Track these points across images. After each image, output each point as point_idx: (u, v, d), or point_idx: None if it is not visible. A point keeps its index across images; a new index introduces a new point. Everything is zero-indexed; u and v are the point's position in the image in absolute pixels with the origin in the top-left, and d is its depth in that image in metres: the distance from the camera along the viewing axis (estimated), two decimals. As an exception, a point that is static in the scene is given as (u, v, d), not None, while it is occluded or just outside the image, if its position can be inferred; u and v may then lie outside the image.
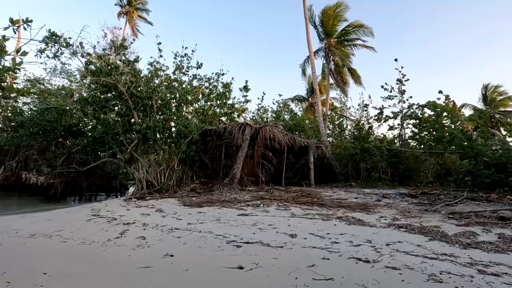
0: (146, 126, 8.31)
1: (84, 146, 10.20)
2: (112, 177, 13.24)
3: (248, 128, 10.20)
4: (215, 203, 7.63)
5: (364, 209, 6.79)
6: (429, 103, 13.70)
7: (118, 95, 8.38)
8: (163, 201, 8.24)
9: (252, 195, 9.11)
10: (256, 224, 5.28)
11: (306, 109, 31.94)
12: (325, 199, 8.28)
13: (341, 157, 16.96)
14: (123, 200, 8.62)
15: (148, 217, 5.89)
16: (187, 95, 10.03)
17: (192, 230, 4.76)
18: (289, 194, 8.98)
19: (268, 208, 7.08)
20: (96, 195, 13.40)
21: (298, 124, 18.83)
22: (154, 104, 8.61)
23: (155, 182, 9.87)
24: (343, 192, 10.14)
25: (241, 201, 8.01)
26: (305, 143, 12.57)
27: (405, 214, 6.28)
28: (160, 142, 9.03)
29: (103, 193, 14.06)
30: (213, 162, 11.41)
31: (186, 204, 7.55)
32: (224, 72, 13.60)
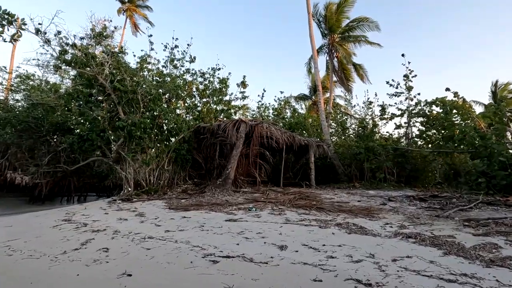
0: (131, 123, 7.75)
1: (70, 144, 9.68)
2: (104, 177, 12.74)
3: (243, 125, 9.60)
4: (204, 206, 7.04)
5: (367, 214, 6.14)
6: (437, 100, 12.96)
7: (101, 89, 7.83)
8: (149, 204, 7.68)
9: (246, 197, 8.50)
10: (243, 232, 4.68)
11: (310, 108, 31.18)
12: (324, 202, 7.64)
13: (344, 156, 16.28)
14: (107, 202, 8.08)
15: (124, 222, 5.32)
16: (178, 89, 9.45)
17: (167, 240, 4.17)
18: (286, 196, 8.36)
19: (260, 212, 6.47)
20: (86, 195, 12.89)
21: (299, 122, 18.16)
22: (140, 99, 8.05)
23: (144, 182, 9.32)
24: (345, 194, 9.49)
25: (233, 204, 7.41)
26: (305, 142, 11.93)
27: (414, 220, 5.62)
28: (148, 140, 8.46)
29: (94, 193, 13.55)
30: (207, 161, 10.82)
31: (172, 207, 6.98)
32: (221, 67, 13.02)
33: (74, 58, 6.84)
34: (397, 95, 17.34)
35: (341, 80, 25.53)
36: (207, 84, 12.53)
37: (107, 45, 8.03)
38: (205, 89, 12.32)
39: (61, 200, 11.79)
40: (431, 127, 14.57)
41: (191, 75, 11.45)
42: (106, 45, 8.01)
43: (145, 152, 8.76)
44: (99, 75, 7.20)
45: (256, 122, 9.97)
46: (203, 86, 12.27)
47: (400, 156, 14.45)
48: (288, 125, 17.25)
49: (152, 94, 8.27)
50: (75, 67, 7.00)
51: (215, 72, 13.04)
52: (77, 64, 6.91)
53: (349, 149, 16.41)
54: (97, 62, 6.98)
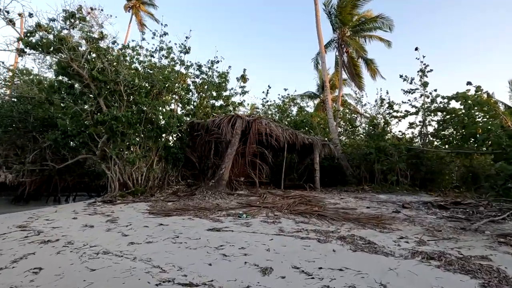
0: (112, 117, 7.05)
1: (53, 141, 9.07)
2: (97, 176, 12.15)
3: (239, 121, 8.80)
4: (189, 211, 6.26)
5: (377, 225, 5.24)
6: (457, 94, 11.83)
7: (78, 79, 7.15)
8: (130, 207, 6.96)
9: (240, 200, 7.69)
10: (223, 246, 3.86)
11: (318, 107, 30.08)
12: (328, 208, 6.75)
13: (353, 157, 15.27)
14: (87, 204, 7.40)
15: (87, 231, 4.58)
16: (168, 81, 8.71)
17: (124, 256, 3.39)
18: (284, 201, 7.50)
19: (252, 219, 5.64)
20: (75, 195, 12.32)
21: (305, 120, 17.23)
22: (123, 90, 7.34)
23: (130, 183, 8.62)
24: (353, 199, 8.55)
25: (223, 208, 6.61)
26: (309, 141, 11.03)
27: (434, 234, 4.69)
28: (133, 137, 7.75)
29: (85, 193, 12.99)
30: (202, 160, 10.06)
31: (153, 211, 6.22)
32: (219, 60, 12.24)
33: (40, 40, 6.16)
34: (412, 91, 16.25)
35: (351, 76, 24.42)
36: (205, 77, 11.77)
37: (87, 31, 7.34)
38: (203, 84, 11.56)
39: (47, 200, 11.23)
40: (449, 125, 13.44)
41: (186, 67, 10.70)
42: (87, 31, 7.33)
43: (131, 149, 8.05)
44: (73, 62, 6.51)
45: (254, 117, 9.15)
46: (200, 80, 11.54)
47: (414, 157, 13.37)
48: (293, 123, 16.36)
49: (136, 85, 7.56)
50: (43, 51, 6.33)
51: (213, 65, 12.28)
52: (44, 47, 6.22)
53: (358, 149, 15.39)
54: (68, 46, 6.28)
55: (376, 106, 21.99)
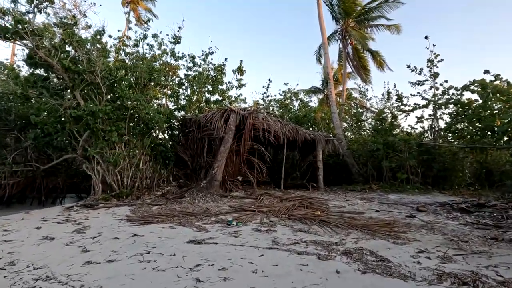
0: (87, 112, 6.36)
1: (33, 140, 8.43)
2: (85, 177, 11.50)
3: (233, 115, 8.05)
4: (173, 218, 5.55)
5: (389, 233, 4.47)
6: (474, 82, 10.92)
7: (50, 70, 6.45)
8: (110, 212, 6.28)
9: (233, 203, 6.96)
10: (200, 266, 3.14)
11: (322, 102, 29.17)
12: (331, 213, 5.99)
13: (359, 154, 14.44)
14: (64, 208, 6.75)
15: (43, 245, 3.89)
16: (154, 73, 7.98)
17: (69, 284, 2.68)
18: (283, 204, 6.75)
19: (243, 227, 4.91)
20: (63, 197, 11.68)
21: (308, 115, 16.40)
22: (101, 82, 6.63)
23: (115, 184, 7.95)
24: (359, 201, 7.77)
25: (212, 213, 5.89)
26: (311, 136, 10.24)
27: (460, 245, 3.92)
28: (114, 134, 7.05)
29: (74, 194, 12.36)
30: (194, 159, 9.35)
31: (132, 218, 5.52)
32: (214, 51, 11.47)
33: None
34: (420, 83, 15.34)
35: (356, 69, 23.53)
36: (199, 70, 11.03)
37: (62, 17, 6.66)
38: (197, 77, 10.82)
39: (31, 203, 10.62)
40: (463, 118, 12.52)
41: (176, 58, 9.97)
42: (61, 17, 6.64)
43: (114, 148, 7.37)
44: (40, 50, 5.81)
45: (249, 111, 8.38)
46: (193, 73, 10.80)
47: (425, 153, 12.49)
48: (295, 118, 15.56)
49: (114, 75, 6.85)
50: (1, 37, 5.64)
51: (208, 57, 11.53)
52: (1, 32, 5.52)
53: (365, 145, 14.56)
54: (30, 30, 5.57)
55: (383, 99, 21.12)
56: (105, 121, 6.93)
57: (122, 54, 8.98)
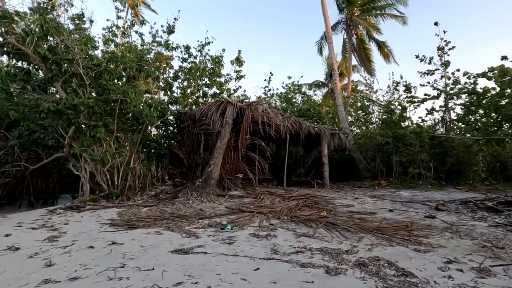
0: (68, 105, 5.81)
1: (18, 138, 7.94)
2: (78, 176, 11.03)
3: (230, 107, 7.47)
4: (162, 221, 5.01)
5: (408, 238, 3.87)
6: (492, 69, 10.18)
7: (27, 60, 5.90)
8: (95, 215, 5.76)
9: (230, 203, 6.40)
10: (180, 285, 2.58)
11: (326, 96, 28.40)
12: (339, 213, 5.39)
13: (367, 148, 13.79)
14: (47, 211, 6.23)
15: (1, 258, 3.36)
16: (143, 63, 7.39)
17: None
18: (285, 203, 6.17)
19: (239, 232, 4.34)
20: (56, 198, 11.23)
21: (312, 109, 15.71)
22: (82, 73, 6.07)
23: (104, 184, 7.44)
24: (369, 198, 7.15)
25: (206, 216, 5.33)
26: (316, 130, 9.62)
27: (496, 252, 3.30)
28: (100, 130, 6.51)
29: (68, 194, 11.91)
30: (190, 156, 8.79)
31: (116, 222, 4.98)
32: (210, 41, 10.87)
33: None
34: (430, 73, 14.58)
35: (361, 61, 22.71)
36: (195, 61, 10.44)
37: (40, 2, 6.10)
38: (192, 69, 10.22)
39: (20, 205, 10.17)
40: (477, 108, 11.78)
41: (169, 48, 9.38)
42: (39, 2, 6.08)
43: (100, 144, 6.84)
44: (10, 36, 5.27)
45: (247, 102, 7.78)
46: (188, 64, 10.22)
47: (437, 146, 11.80)
48: (298, 112, 14.92)
49: (97, 64, 6.28)
50: None
51: (204, 48, 10.93)
52: None
53: (372, 139, 13.89)
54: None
55: (389, 91, 20.38)
56: (90, 116, 6.40)
57: (111, 45, 8.41)
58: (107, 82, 6.31)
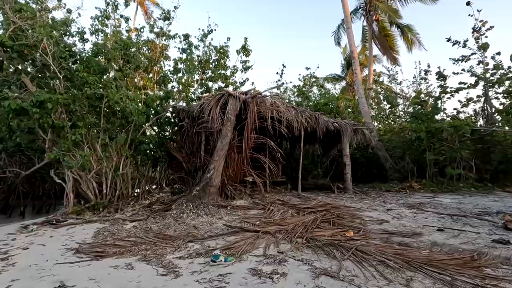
0: (34, 103, 4.91)
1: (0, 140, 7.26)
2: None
3: (232, 101, 6.37)
4: (142, 245, 3.98)
5: (481, 282, 2.61)
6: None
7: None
8: (70, 233, 4.86)
9: (232, 217, 5.31)
10: None
11: (343, 90, 26.72)
12: (370, 232, 4.16)
13: (394, 145, 12.31)
14: (19, 227, 5.39)
15: None
16: (129, 51, 6.41)
17: None
18: (299, 218, 5.01)
19: (235, 266, 3.24)
20: (51, 204, 10.57)
21: (330, 103, 14.30)
22: (52, 63, 5.16)
23: (91, 194, 6.56)
24: (406, 209, 5.83)
25: (199, 237, 4.26)
26: (335, 125, 8.35)
27: None
28: (79, 131, 5.61)
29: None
30: (190, 159, 7.77)
31: (82, 248, 4.00)
32: (213, 28, 9.79)
33: None
34: (465, 59, 12.86)
35: (383, 49, 21.03)
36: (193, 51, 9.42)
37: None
38: (188, 59, 9.17)
39: (10, 213, 9.54)
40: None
41: (166, 38, 8.38)
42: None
43: (82, 148, 5.94)
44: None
45: (252, 94, 6.63)
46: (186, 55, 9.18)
47: (479, 141, 10.20)
48: (314, 106, 13.60)
49: (68, 54, 5.38)
50: None
51: (206, 37, 9.87)
52: None
53: (400, 135, 12.40)
54: None
55: (415, 82, 18.65)
56: (67, 115, 5.52)
57: (101, 36, 7.52)
58: (83, 74, 5.37)
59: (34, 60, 5.22)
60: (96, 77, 5.56)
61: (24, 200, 9.88)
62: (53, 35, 5.02)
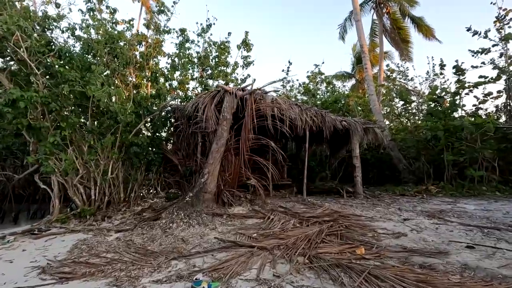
0: (6, 102, 4.47)
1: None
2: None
3: (228, 98, 5.82)
4: (116, 264, 3.47)
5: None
6: None
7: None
8: (47, 246, 4.41)
9: (227, 228, 4.75)
10: None
11: (353, 88, 25.85)
12: (385, 249, 3.54)
13: (407, 145, 11.55)
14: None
15: None
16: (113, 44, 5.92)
17: None
18: (302, 229, 4.41)
19: (219, 295, 2.69)
20: (48, 209, 10.22)
21: (339, 101, 13.59)
22: (27, 57, 4.71)
23: (78, 200, 6.13)
24: (425, 219, 5.15)
25: (185, 253, 3.72)
26: (344, 124, 7.70)
27: None
28: (59, 133, 5.17)
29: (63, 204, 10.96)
30: (186, 162, 7.26)
31: (49, 268, 3.52)
32: (212, 22, 9.27)
33: None
34: (485, 51, 12.01)
35: (394, 43, 20.18)
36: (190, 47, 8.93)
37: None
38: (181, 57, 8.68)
39: (2, 220, 9.23)
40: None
41: (160, 33, 7.90)
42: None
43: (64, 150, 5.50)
44: None
45: (250, 90, 6.05)
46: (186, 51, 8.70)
47: (502, 140, 9.37)
48: (321, 104, 12.94)
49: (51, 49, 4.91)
50: None
51: (205, 32, 9.36)
52: None
53: (414, 134, 11.62)
54: None
55: (429, 78, 17.80)
56: (47, 115, 5.09)
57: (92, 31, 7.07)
58: (60, 70, 4.90)
59: (5, 55, 4.80)
60: (77, 73, 5.09)
61: (18, 205, 9.57)
62: (21, 25, 4.57)
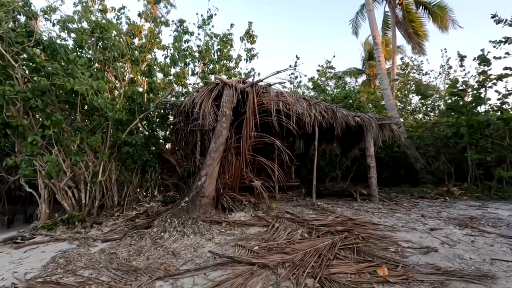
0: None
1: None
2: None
3: (228, 91, 5.26)
4: (92, 285, 2.96)
5: None
6: None
7: None
8: (24, 257, 3.94)
9: (226, 238, 4.20)
10: None
11: (363, 85, 24.96)
12: (414, 271, 2.91)
13: (425, 143, 10.78)
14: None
15: None
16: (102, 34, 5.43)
17: None
18: (311, 242, 3.82)
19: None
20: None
21: (349, 96, 12.86)
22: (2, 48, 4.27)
23: (67, 204, 5.69)
24: (456, 228, 4.48)
25: (173, 271, 3.18)
26: (356, 120, 7.05)
27: None
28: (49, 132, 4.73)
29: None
30: (184, 162, 6.74)
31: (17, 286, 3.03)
32: (213, 13, 8.73)
33: None
34: (509, 40, 11.12)
35: (407, 36, 19.27)
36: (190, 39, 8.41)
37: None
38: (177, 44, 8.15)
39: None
40: None
41: (156, 24, 7.39)
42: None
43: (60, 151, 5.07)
44: None
45: (251, 82, 5.46)
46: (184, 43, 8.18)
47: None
48: (331, 100, 12.24)
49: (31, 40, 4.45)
50: None
51: (206, 24, 8.82)
52: None
53: (433, 131, 10.83)
54: None
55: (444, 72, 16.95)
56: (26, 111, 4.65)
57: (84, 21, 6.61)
58: (37, 61, 4.44)
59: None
60: (58, 64, 4.63)
61: (14, 207, 9.26)
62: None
